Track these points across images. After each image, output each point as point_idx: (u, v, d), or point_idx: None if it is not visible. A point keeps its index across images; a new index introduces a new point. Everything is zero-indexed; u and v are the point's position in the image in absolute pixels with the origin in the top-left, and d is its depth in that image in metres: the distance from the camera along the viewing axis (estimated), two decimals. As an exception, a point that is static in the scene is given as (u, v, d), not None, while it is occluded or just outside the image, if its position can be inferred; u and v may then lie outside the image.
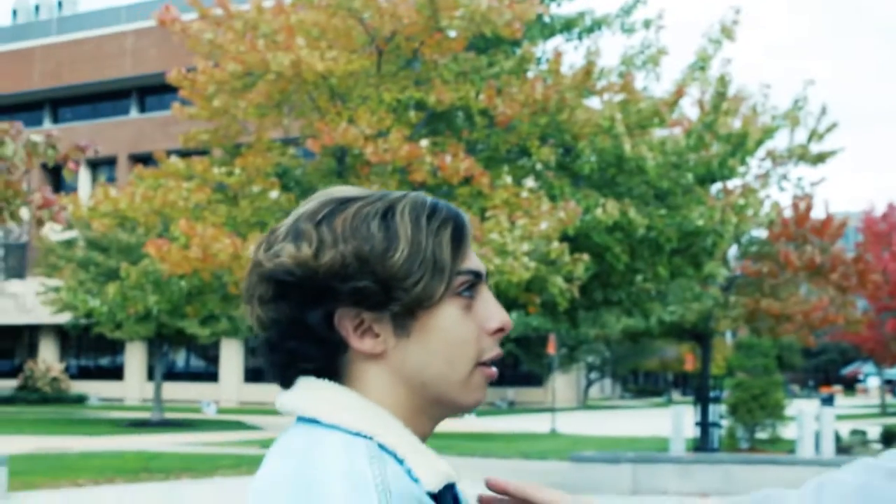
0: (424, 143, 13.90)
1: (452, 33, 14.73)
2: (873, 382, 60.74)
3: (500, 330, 1.54)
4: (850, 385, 75.04)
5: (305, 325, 1.48)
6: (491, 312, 1.54)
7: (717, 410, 26.05)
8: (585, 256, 13.67)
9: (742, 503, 1.60)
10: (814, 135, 22.17)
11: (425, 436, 1.55)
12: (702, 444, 25.48)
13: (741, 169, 17.04)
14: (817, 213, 28.50)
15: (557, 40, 17.38)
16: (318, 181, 14.97)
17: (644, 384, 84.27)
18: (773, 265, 26.59)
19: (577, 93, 14.75)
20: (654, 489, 20.49)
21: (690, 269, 16.42)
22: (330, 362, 1.51)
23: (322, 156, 14.20)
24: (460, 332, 1.50)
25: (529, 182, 15.17)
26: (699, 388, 26.54)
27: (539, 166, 15.23)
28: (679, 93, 16.09)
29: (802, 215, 27.62)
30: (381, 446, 1.43)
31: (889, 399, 54.05)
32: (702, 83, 17.22)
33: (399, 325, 1.48)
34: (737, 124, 16.89)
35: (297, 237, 1.49)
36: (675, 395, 76.39)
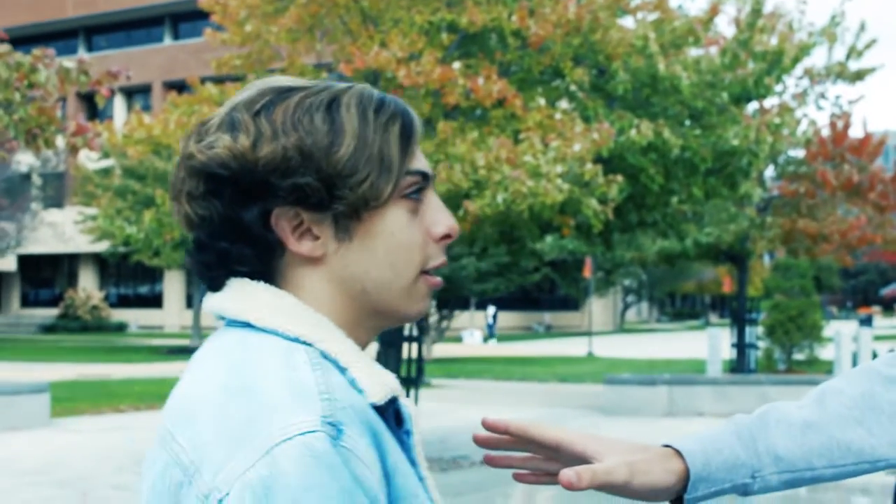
0: (457, 65, 13.82)
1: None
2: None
3: (447, 236, 1.47)
4: (889, 306, 74.67)
5: (239, 223, 1.40)
6: (438, 217, 1.47)
7: (753, 332, 26.05)
8: (619, 178, 13.59)
9: (745, 420, 1.61)
10: (852, 52, 21.87)
11: (366, 344, 1.48)
12: (738, 366, 25.53)
13: (777, 87, 16.88)
14: (855, 132, 28.21)
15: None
16: (353, 105, 14.95)
17: (681, 307, 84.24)
18: (810, 185, 26.35)
19: (611, 12, 14.58)
20: (691, 411, 20.57)
21: (726, 189, 16.30)
22: (264, 265, 1.43)
23: (355, 80, 14.12)
24: (406, 236, 1.43)
25: (563, 104, 15.08)
26: (736, 310, 26.51)
27: (572, 87, 15.12)
28: (714, 11, 15.88)
29: (840, 134, 27.30)
30: (322, 354, 1.36)
31: (928, 319, 53.72)
32: (737, 1, 17.00)
33: (341, 227, 1.41)
34: (773, 42, 16.68)
35: (234, 128, 1.40)
36: (713, 318, 76.35)
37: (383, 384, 1.37)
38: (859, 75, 22.37)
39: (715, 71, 15.36)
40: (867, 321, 36.19)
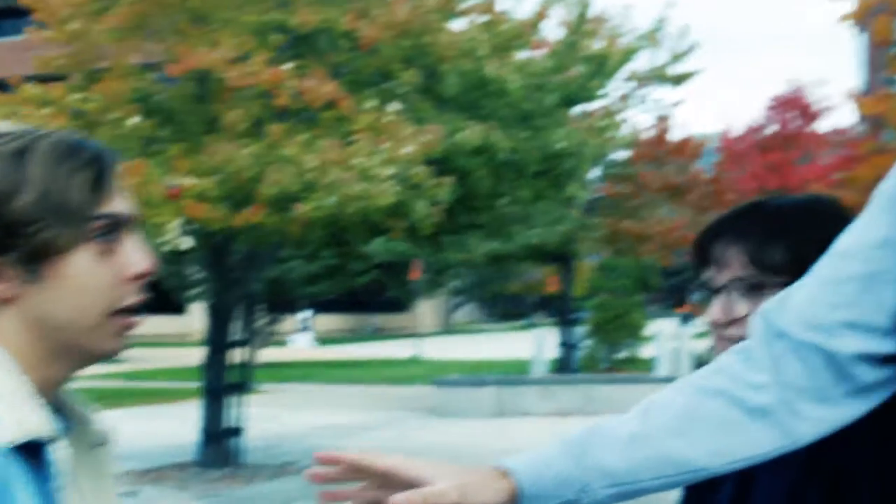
0: (288, 66, 13.69)
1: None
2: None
3: (142, 276, 1.49)
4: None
5: None
6: (133, 258, 1.49)
7: (578, 332, 26.57)
8: (449, 180, 13.68)
9: (576, 435, 1.63)
10: (674, 56, 22.47)
11: (61, 380, 1.50)
12: (563, 366, 25.99)
13: (602, 90, 17.21)
14: (677, 134, 29.03)
15: (420, -38, 17.21)
16: (180, 106, 14.65)
17: (508, 307, 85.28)
18: (633, 186, 27.03)
19: (441, 15, 14.64)
20: (518, 410, 20.85)
21: (553, 191, 16.61)
22: None
23: (184, 80, 13.87)
24: (92, 279, 1.45)
25: (394, 106, 15.09)
26: (561, 311, 26.99)
27: (403, 89, 15.14)
28: (542, 14, 16.13)
29: (662, 136, 28.08)
30: None
31: (744, 316, 55.69)
32: (565, 5, 17.31)
33: (29, 270, 1.42)
34: (598, 46, 17.04)
35: None
36: (539, 318, 77.53)
37: (20, 423, 1.36)
38: (680, 79, 22.99)
39: (542, 74, 15.61)
40: (687, 319, 37.20)
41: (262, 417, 19.46)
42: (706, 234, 1.92)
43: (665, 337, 24.80)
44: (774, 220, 1.85)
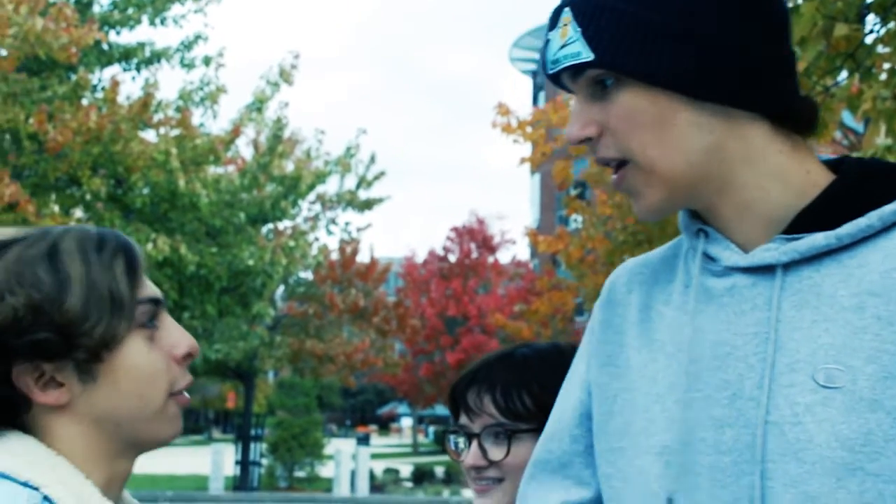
0: (-34, 164, 13.20)
1: (3, 52, 14.06)
2: (407, 422, 63.49)
3: (189, 355, 1.48)
4: (385, 425, 77.97)
5: None
6: (177, 338, 1.47)
7: (257, 449, 26.30)
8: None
9: None
10: (363, 181, 23.00)
11: (124, 476, 1.47)
12: (241, 483, 25.60)
13: (293, 211, 17.41)
14: (363, 258, 29.57)
15: (115, 69, 17.03)
16: None
17: (186, 421, 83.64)
18: (318, 306, 27.26)
19: (133, 124, 14.51)
20: (192, 528, 20.41)
21: (239, 308, 16.55)
22: (12, 419, 1.40)
23: None
24: (149, 365, 1.43)
25: (78, 212, 14.74)
26: (240, 427, 26.67)
27: (89, 196, 14.83)
28: (236, 132, 16.22)
29: (349, 259, 28.55)
30: (46, 498, 1.34)
31: (421, 438, 56.61)
32: (258, 124, 17.47)
33: (84, 371, 1.38)
34: (290, 166, 17.26)
35: None
36: (216, 433, 76.16)
37: None
38: (368, 204, 23.52)
39: (234, 191, 15.66)
40: (365, 440, 37.45)
41: None
42: (460, 382, 2.05)
43: (344, 456, 24.90)
44: (521, 370, 1.99)
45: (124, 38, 17.15)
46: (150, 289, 1.47)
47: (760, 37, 1.40)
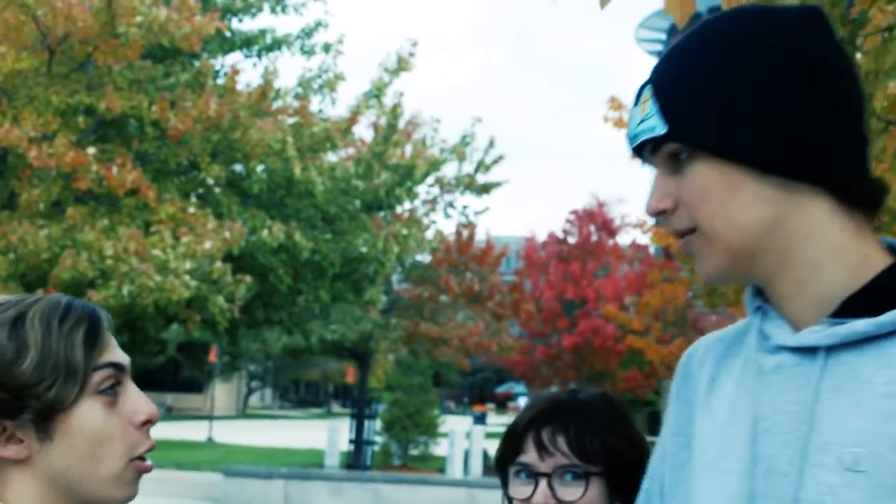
0: (92, 150, 13.54)
1: (128, 40, 14.41)
2: (523, 402, 63.50)
3: (148, 422, 1.58)
4: (503, 403, 77.90)
5: None
6: (137, 406, 1.57)
7: (372, 427, 26.56)
8: (248, 278, 13.70)
9: None
10: (481, 166, 23.00)
11: None
12: (355, 461, 25.89)
13: (408, 198, 17.54)
14: (480, 242, 29.58)
15: (236, 56, 17.33)
16: (-23, 180, 14.33)
17: (305, 394, 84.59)
18: (433, 290, 27.40)
19: (252, 112, 14.75)
20: (306, 506, 20.71)
21: (351, 294, 16.75)
22: None
23: (-22, 154, 13.59)
24: (104, 429, 1.53)
25: (196, 198, 15.05)
26: (357, 406, 26.97)
27: (209, 181, 15.14)
28: (353, 119, 16.37)
29: (465, 243, 28.60)
30: None
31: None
32: (377, 111, 17.60)
33: (41, 429, 1.50)
34: (406, 153, 17.37)
35: None
36: (335, 407, 77.12)
37: None
38: (486, 188, 23.52)
39: (349, 179, 15.81)
40: (481, 419, 37.54)
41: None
42: (529, 420, 2.09)
43: (458, 436, 24.99)
44: (587, 412, 2.05)
45: (246, 25, 17.39)
46: (113, 354, 1.57)
47: (828, 113, 1.44)
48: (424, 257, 26.84)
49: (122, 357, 1.58)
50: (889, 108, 5.53)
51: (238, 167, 15.66)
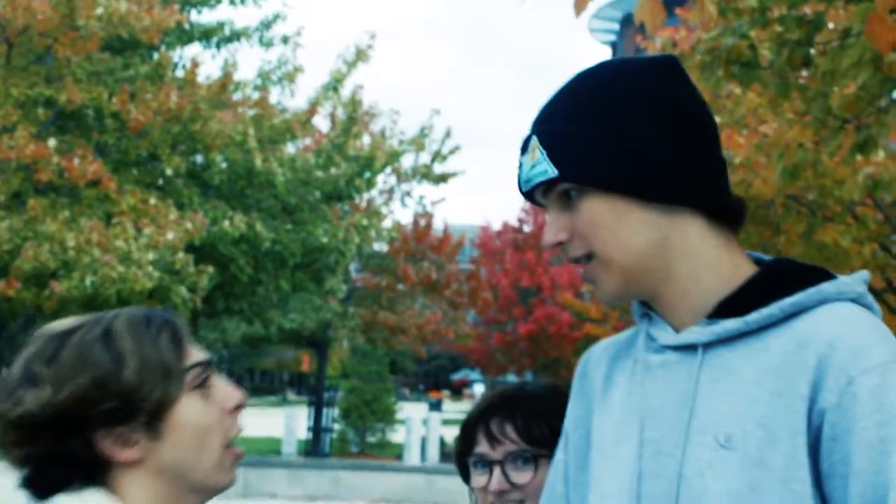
0: (52, 142, 13.57)
1: (88, 32, 14.42)
2: (479, 389, 63.73)
3: (239, 407, 1.75)
4: (458, 390, 78.02)
5: (67, 454, 1.63)
6: (227, 394, 1.73)
7: (330, 414, 26.66)
8: (210, 268, 13.79)
9: None
10: (437, 156, 23.13)
11: None
12: (313, 448, 26.00)
13: (367, 188, 17.66)
14: (437, 231, 29.72)
15: (196, 48, 17.38)
16: (-64, 173, 14.30)
17: (260, 382, 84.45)
18: (391, 279, 27.53)
19: (212, 104, 14.82)
20: (265, 493, 20.82)
21: (312, 284, 16.87)
22: (94, 478, 1.66)
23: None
24: (205, 420, 1.68)
25: (157, 190, 15.11)
26: (314, 393, 27.06)
27: (169, 172, 15.19)
28: (312, 111, 16.49)
29: (422, 232, 28.73)
30: None
31: (493, 405, 56.61)
32: (335, 103, 17.70)
33: (151, 430, 1.64)
34: (365, 144, 17.49)
35: (33, 381, 1.63)
36: (291, 395, 77.01)
37: None
38: (443, 178, 23.67)
39: (309, 170, 15.92)
40: (437, 405, 37.62)
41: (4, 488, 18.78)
42: (477, 414, 2.30)
43: (415, 423, 25.15)
44: (535, 401, 2.25)
45: (205, 17, 17.44)
46: (197, 354, 1.73)
47: (691, 147, 1.68)
48: (382, 247, 26.96)
49: (205, 354, 1.74)
50: (844, 107, 5.79)
51: (199, 158, 15.73)
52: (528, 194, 1.77)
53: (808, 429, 1.56)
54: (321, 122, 22.74)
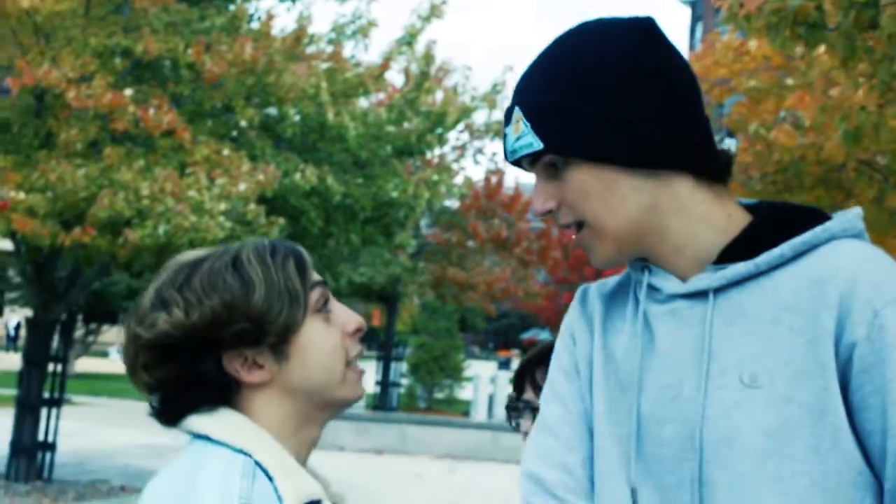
0: (129, 91, 13.72)
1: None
2: (548, 348, 63.55)
3: (358, 329, 1.85)
4: (527, 350, 78.00)
5: (198, 376, 1.73)
6: (346, 317, 1.84)
7: (398, 369, 26.88)
8: (281, 220, 13.90)
9: None
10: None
11: (312, 441, 1.83)
12: (381, 403, 26.25)
13: (439, 144, 17.64)
14: (508, 189, 29.73)
15: (271, 0, 17.49)
16: (15, 119, 14.55)
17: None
18: (461, 235, 27.59)
19: (286, 56, 14.90)
20: (332, 445, 21.05)
21: (382, 238, 16.94)
22: (225, 400, 1.75)
23: (21, 93, 13.78)
24: (328, 341, 1.79)
25: (231, 141, 15.23)
26: (383, 348, 27.27)
27: (243, 124, 15.32)
28: (385, 66, 16.49)
29: (493, 190, 28.74)
30: (257, 463, 1.68)
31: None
32: (408, 58, 17.72)
33: (278, 352, 1.75)
34: (438, 97, 17.48)
35: (165, 304, 1.73)
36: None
37: (298, 491, 1.68)
38: (516, 135, 23.52)
39: (381, 124, 15.96)
40: (505, 364, 37.78)
41: (77, 432, 19.19)
42: (527, 363, 2.39)
43: (483, 381, 25.29)
44: None
45: (281, -31, 17.49)
46: (316, 278, 1.83)
47: (671, 109, 1.70)
48: (453, 203, 27.01)
49: (321, 279, 1.85)
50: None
51: (272, 111, 15.82)
52: (515, 163, 1.81)
53: (837, 363, 1.58)
54: (394, 77, 22.81)
